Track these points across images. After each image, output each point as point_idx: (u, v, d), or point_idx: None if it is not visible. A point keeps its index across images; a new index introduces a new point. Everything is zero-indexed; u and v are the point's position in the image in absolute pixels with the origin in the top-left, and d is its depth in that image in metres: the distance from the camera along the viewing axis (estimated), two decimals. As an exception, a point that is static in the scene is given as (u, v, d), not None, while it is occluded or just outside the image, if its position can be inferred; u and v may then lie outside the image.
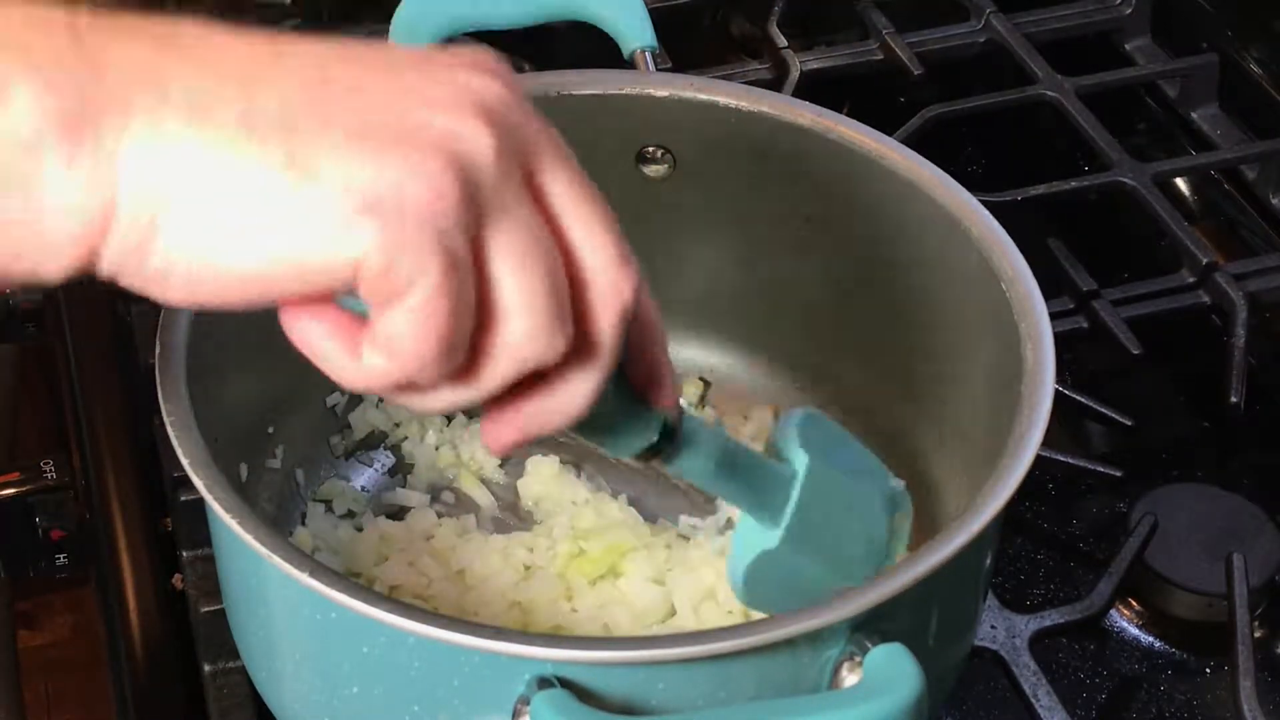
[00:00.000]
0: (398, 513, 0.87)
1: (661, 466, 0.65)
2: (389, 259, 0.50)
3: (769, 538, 0.68)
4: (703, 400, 0.93)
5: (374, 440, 0.90)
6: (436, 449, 0.90)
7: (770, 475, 0.68)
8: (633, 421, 0.61)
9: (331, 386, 0.88)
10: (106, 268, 0.51)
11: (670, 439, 0.62)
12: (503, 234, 0.53)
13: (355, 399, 0.90)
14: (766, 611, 0.71)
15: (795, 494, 0.68)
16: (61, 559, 0.90)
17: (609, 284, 0.56)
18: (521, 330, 0.53)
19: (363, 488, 0.89)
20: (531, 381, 0.56)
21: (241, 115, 0.50)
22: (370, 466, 0.90)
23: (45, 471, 0.90)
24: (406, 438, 0.91)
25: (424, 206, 0.50)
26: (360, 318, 0.53)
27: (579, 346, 0.55)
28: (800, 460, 0.68)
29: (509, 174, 0.53)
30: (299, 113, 0.51)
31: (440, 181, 0.51)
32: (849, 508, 0.70)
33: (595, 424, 0.59)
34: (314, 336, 0.54)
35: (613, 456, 0.60)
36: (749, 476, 0.67)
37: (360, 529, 0.86)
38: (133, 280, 0.51)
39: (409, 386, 0.54)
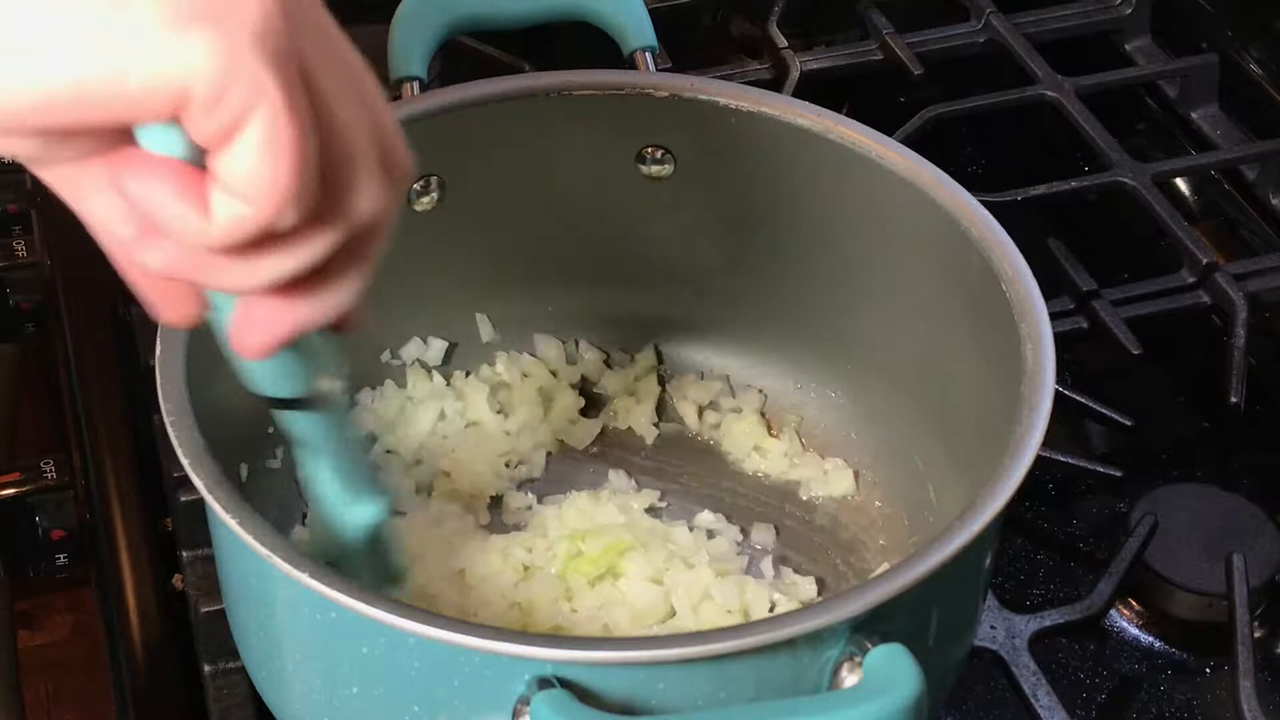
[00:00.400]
0: (397, 513, 0.87)
1: (291, 422, 0.63)
2: (222, 79, 0.46)
3: (375, 509, 0.69)
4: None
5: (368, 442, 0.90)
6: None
7: (358, 453, 0.69)
8: (323, 350, 0.60)
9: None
10: None
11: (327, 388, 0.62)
12: (332, 71, 0.49)
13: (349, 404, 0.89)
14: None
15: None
16: (61, 559, 0.90)
17: (402, 149, 0.53)
18: (369, 170, 0.51)
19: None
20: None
21: None
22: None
23: (45, 471, 0.90)
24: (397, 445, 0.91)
25: (256, 20, 0.46)
26: (195, 168, 0.49)
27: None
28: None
29: (316, 18, 0.50)
30: None
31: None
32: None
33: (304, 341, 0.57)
34: (157, 195, 0.49)
35: (264, 393, 0.61)
36: (351, 452, 0.68)
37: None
38: None
39: (267, 243, 0.50)
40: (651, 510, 0.88)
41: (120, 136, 0.50)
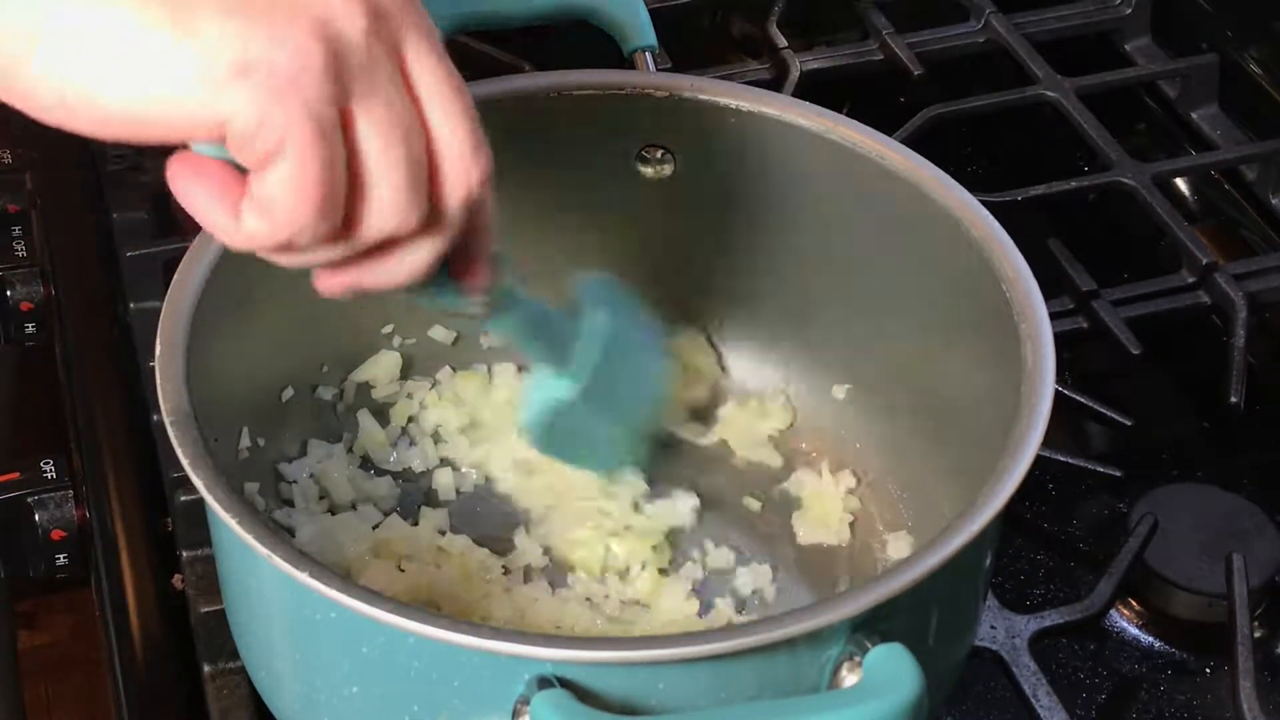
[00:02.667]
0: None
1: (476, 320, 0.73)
2: (257, 121, 0.54)
3: (562, 388, 0.76)
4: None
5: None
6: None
7: (567, 332, 0.76)
8: (450, 289, 0.67)
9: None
10: None
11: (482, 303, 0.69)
12: (369, 110, 0.56)
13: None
14: (560, 459, 0.82)
15: (588, 351, 0.77)
16: (61, 559, 0.90)
17: (462, 168, 0.60)
18: (383, 201, 0.58)
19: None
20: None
21: None
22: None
23: (45, 471, 0.90)
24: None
25: (291, 74, 0.54)
26: (235, 173, 0.57)
27: (429, 220, 0.60)
28: (593, 320, 0.77)
29: (378, 54, 0.57)
30: None
31: (307, 53, 0.54)
32: (633, 362, 0.81)
33: (419, 287, 0.64)
34: (198, 198, 0.58)
35: (431, 309, 0.76)
36: (549, 334, 0.75)
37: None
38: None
39: (287, 247, 0.58)
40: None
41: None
